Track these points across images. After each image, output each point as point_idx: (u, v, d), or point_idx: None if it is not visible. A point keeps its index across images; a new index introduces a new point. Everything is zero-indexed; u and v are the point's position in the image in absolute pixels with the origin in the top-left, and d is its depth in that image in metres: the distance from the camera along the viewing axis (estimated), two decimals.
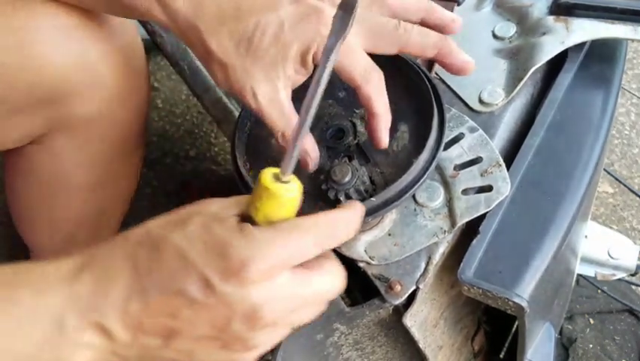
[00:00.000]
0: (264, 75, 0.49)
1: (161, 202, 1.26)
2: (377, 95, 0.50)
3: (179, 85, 1.48)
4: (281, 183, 0.40)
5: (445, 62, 0.53)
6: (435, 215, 0.55)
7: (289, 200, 0.40)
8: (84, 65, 0.61)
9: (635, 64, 1.62)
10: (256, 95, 0.50)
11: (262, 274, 0.38)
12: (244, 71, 0.50)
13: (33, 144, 0.70)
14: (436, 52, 0.52)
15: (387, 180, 0.53)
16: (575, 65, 0.66)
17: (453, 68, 0.53)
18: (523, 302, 0.50)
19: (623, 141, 1.46)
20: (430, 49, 0.52)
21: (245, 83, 0.50)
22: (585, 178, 0.58)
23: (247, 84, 0.50)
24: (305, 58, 0.49)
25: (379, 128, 0.51)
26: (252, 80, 0.50)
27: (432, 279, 0.55)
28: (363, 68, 0.49)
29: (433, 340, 0.58)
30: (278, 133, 0.51)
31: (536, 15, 0.66)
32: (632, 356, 1.08)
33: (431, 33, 0.53)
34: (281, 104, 0.50)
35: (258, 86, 0.50)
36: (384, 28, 0.52)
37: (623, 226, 1.32)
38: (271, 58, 0.49)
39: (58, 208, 0.79)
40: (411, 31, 0.52)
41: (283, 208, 0.40)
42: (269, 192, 0.39)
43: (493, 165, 0.57)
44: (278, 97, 0.50)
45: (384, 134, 0.51)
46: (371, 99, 0.50)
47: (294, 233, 0.39)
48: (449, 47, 0.52)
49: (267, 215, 0.40)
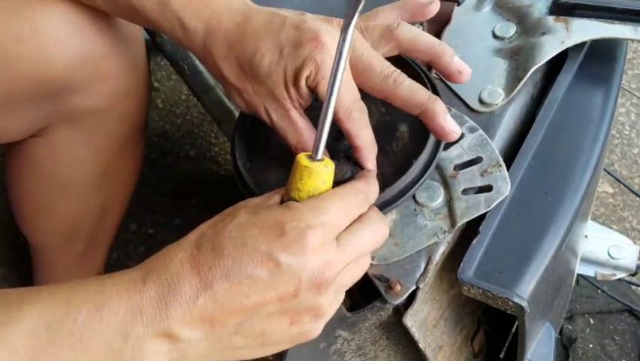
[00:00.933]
0: (272, 97, 0.52)
1: (161, 202, 1.26)
2: (358, 130, 0.50)
3: (179, 85, 1.48)
4: (317, 162, 0.45)
5: (427, 123, 0.52)
6: (435, 215, 0.55)
7: (327, 174, 0.45)
8: (89, 59, 0.62)
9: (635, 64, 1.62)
10: (270, 114, 0.53)
11: (318, 239, 0.41)
12: (255, 94, 0.52)
13: (34, 138, 0.71)
14: (419, 112, 0.51)
15: (387, 181, 0.53)
16: (575, 65, 0.66)
17: (433, 132, 0.52)
18: (523, 302, 0.50)
19: (623, 141, 1.46)
20: (414, 108, 0.51)
21: (259, 104, 0.53)
22: (585, 178, 0.58)
23: (261, 106, 0.53)
24: (297, 82, 0.50)
25: (362, 160, 0.51)
26: (264, 101, 0.52)
27: (432, 279, 0.55)
28: (347, 104, 0.50)
29: (433, 340, 0.58)
30: (292, 147, 0.53)
31: (536, 15, 0.66)
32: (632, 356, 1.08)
33: (420, 92, 0.51)
34: (293, 122, 0.52)
35: (269, 105, 0.52)
36: (377, 72, 0.51)
37: (623, 226, 1.32)
38: (272, 82, 0.51)
39: (59, 203, 0.79)
40: (400, 84, 0.51)
41: (323, 183, 0.45)
42: (309, 170, 0.44)
43: (493, 165, 0.57)
44: (289, 115, 0.52)
45: (369, 164, 0.52)
46: (350, 135, 0.50)
47: (336, 198, 0.44)
48: (433, 110, 0.51)
49: (309, 192, 0.45)
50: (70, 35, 0.60)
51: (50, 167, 0.75)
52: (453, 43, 0.67)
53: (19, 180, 0.80)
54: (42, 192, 0.79)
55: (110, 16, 0.62)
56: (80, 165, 0.74)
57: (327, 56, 0.49)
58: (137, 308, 0.40)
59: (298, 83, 0.50)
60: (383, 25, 0.54)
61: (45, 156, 0.73)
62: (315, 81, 0.50)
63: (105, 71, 0.64)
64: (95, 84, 0.64)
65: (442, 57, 0.53)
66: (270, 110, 0.52)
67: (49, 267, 0.91)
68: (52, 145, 0.71)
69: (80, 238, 0.84)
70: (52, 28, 0.59)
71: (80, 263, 0.88)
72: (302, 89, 0.51)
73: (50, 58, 0.59)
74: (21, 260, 1.16)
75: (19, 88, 0.60)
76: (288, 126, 0.52)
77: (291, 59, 0.50)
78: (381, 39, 0.54)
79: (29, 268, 1.02)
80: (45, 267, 0.92)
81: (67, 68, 0.61)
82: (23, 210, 0.85)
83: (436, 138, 0.53)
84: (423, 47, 0.54)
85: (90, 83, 0.64)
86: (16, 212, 0.86)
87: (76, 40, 0.60)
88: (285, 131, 0.53)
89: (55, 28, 0.59)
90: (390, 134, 0.55)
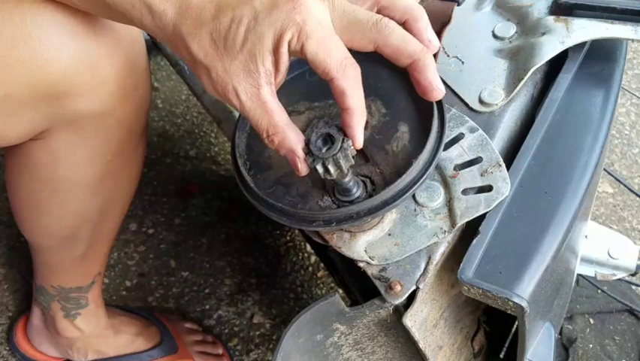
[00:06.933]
0: (244, 72, 0.48)
1: (161, 202, 1.26)
2: (352, 89, 0.47)
3: (179, 85, 1.48)
4: None
5: (415, 76, 0.50)
6: (435, 215, 0.55)
7: None
8: (87, 62, 0.61)
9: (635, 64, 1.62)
10: (239, 95, 0.48)
11: None
12: (225, 72, 0.48)
13: (34, 141, 0.70)
14: (410, 62, 0.49)
15: (387, 180, 0.53)
16: (575, 65, 0.66)
17: (419, 86, 0.50)
18: (523, 302, 0.50)
19: (623, 141, 1.46)
20: (405, 57, 0.49)
21: (227, 83, 0.48)
22: (585, 178, 0.58)
23: (229, 84, 0.48)
24: (278, 49, 0.47)
25: (353, 125, 0.48)
26: (233, 79, 0.48)
27: (432, 279, 0.55)
28: (339, 60, 0.47)
29: (433, 340, 0.58)
30: (262, 132, 0.49)
31: (536, 15, 0.66)
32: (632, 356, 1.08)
33: (413, 41, 0.49)
34: (263, 102, 0.48)
35: (239, 84, 0.48)
36: (364, 22, 0.49)
37: (623, 226, 1.32)
38: (248, 52, 0.47)
39: (59, 205, 0.79)
40: (392, 30, 0.49)
41: None
42: None
43: (493, 165, 0.57)
44: (260, 93, 0.48)
45: (358, 131, 0.48)
46: (345, 94, 0.47)
47: None
48: (425, 63, 0.48)
49: None
50: (63, 38, 0.59)
51: (50, 170, 0.74)
52: (453, 43, 0.67)
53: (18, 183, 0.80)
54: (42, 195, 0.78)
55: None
56: (79, 168, 0.74)
57: (307, 15, 0.46)
58: None
59: (279, 49, 0.47)
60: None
61: (44, 159, 0.73)
62: (300, 42, 0.47)
63: (103, 74, 0.64)
64: (93, 87, 0.64)
65: (419, 21, 0.52)
66: (239, 91, 0.48)
67: (49, 267, 0.91)
68: (51, 148, 0.71)
69: (81, 240, 0.84)
70: (43, 31, 0.58)
71: (80, 264, 0.88)
72: (282, 55, 0.47)
73: (45, 61, 0.59)
74: (21, 260, 1.16)
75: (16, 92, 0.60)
76: (259, 107, 0.48)
77: (267, 24, 0.47)
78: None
79: (29, 268, 1.02)
80: (45, 267, 0.92)
81: (63, 72, 0.60)
82: (23, 212, 0.85)
83: (421, 93, 0.50)
84: (402, 5, 0.52)
85: (88, 87, 0.63)
86: (16, 214, 0.86)
87: (70, 42, 0.60)
88: (255, 113, 0.49)
89: (47, 31, 0.58)
90: (390, 134, 0.55)
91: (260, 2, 0.48)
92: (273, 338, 1.15)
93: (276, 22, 0.47)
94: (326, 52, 0.47)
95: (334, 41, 0.47)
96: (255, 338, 1.15)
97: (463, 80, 0.64)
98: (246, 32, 0.47)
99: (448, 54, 0.67)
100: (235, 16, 0.48)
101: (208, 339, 1.12)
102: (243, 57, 0.48)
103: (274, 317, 1.17)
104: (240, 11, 0.48)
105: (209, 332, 1.14)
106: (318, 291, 1.21)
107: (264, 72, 0.48)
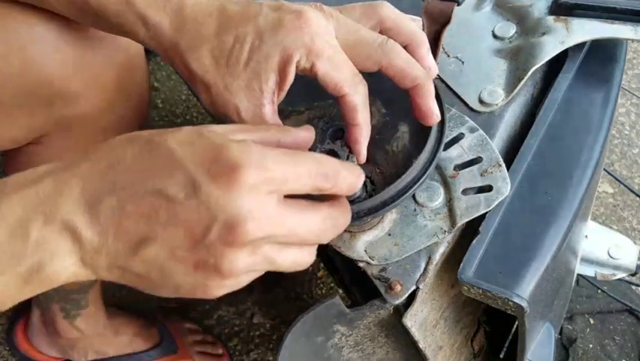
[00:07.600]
0: (246, 91, 0.48)
1: None
2: (363, 105, 0.48)
3: (179, 85, 1.48)
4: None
5: (416, 100, 0.50)
6: (435, 215, 0.55)
7: None
8: (83, 66, 0.61)
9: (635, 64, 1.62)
10: (240, 113, 0.48)
11: (253, 181, 0.36)
12: (226, 89, 0.48)
13: (33, 145, 0.70)
14: (412, 86, 0.49)
15: (387, 180, 0.53)
16: (575, 65, 0.66)
17: (419, 111, 0.50)
18: (523, 302, 0.50)
19: (623, 141, 1.46)
20: (409, 80, 0.49)
21: (228, 101, 0.48)
22: (585, 178, 0.58)
23: (230, 103, 0.48)
24: (285, 68, 0.47)
25: (361, 140, 0.49)
26: (235, 97, 0.48)
27: (432, 279, 0.55)
28: (351, 77, 0.48)
29: (433, 340, 0.58)
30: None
31: (536, 15, 0.66)
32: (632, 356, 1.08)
33: (417, 66, 0.49)
34: (265, 120, 0.48)
35: (240, 102, 0.48)
36: (370, 42, 0.49)
37: (623, 226, 1.32)
38: (252, 70, 0.47)
39: None
40: (398, 53, 0.49)
41: None
42: None
43: (493, 165, 0.57)
44: (262, 112, 0.48)
45: (364, 146, 0.50)
46: (356, 110, 0.48)
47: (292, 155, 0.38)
48: (427, 89, 0.49)
49: None
50: (58, 44, 0.59)
51: None
52: (453, 44, 0.67)
53: None
54: None
55: None
56: None
57: (315, 33, 0.46)
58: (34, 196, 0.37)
59: (286, 68, 0.47)
60: (365, 4, 0.53)
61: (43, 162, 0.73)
62: (309, 62, 0.46)
63: (100, 78, 0.64)
64: (91, 90, 0.64)
65: (421, 47, 0.52)
66: (240, 109, 0.48)
67: None
68: (50, 151, 0.71)
69: None
70: (38, 38, 0.58)
71: None
72: (289, 74, 0.47)
73: (41, 67, 0.59)
74: None
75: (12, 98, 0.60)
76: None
77: (272, 44, 0.46)
78: (363, 16, 0.52)
79: None
80: None
81: (60, 77, 0.60)
82: None
83: (418, 116, 0.51)
84: (407, 29, 0.52)
85: (86, 89, 0.63)
86: None
87: (66, 49, 0.60)
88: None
89: (42, 38, 0.58)
90: (390, 135, 0.55)
91: (264, 20, 0.47)
92: (273, 338, 1.15)
93: (283, 42, 0.46)
94: (337, 69, 0.47)
95: (343, 58, 0.48)
96: (255, 338, 1.15)
97: (463, 80, 0.64)
98: (250, 52, 0.47)
99: (448, 54, 0.67)
100: (239, 35, 0.47)
101: (208, 339, 1.12)
102: (246, 76, 0.47)
103: (274, 317, 1.17)
104: (243, 29, 0.47)
105: (209, 332, 1.14)
106: (318, 291, 1.21)
107: (267, 91, 0.48)
